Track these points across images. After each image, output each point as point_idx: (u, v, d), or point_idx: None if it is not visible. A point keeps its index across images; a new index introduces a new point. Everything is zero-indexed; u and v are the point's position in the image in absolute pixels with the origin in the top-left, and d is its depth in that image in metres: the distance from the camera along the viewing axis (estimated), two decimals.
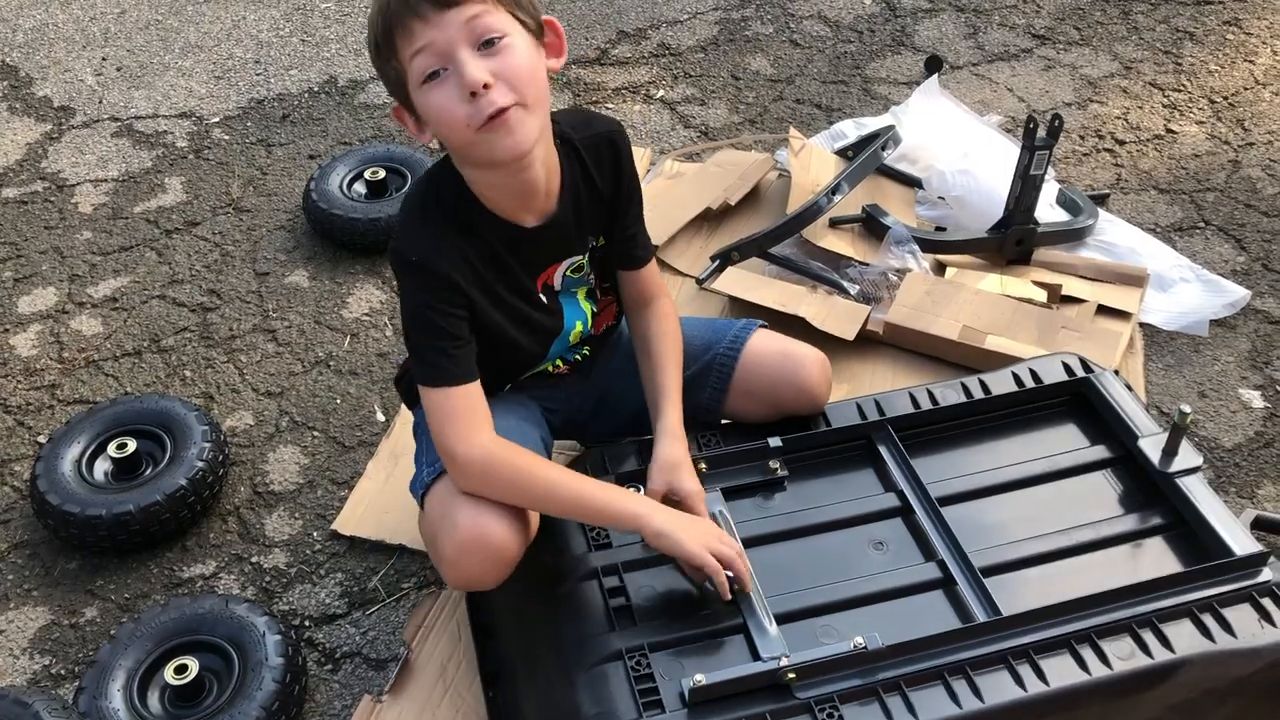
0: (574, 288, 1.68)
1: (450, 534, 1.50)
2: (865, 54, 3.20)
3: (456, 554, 1.50)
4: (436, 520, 1.54)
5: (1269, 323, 2.38)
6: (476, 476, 1.50)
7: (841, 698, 1.39)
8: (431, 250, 1.47)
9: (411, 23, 1.37)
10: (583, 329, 1.71)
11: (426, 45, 1.38)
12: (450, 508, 1.51)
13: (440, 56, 1.38)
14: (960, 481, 1.70)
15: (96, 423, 2.05)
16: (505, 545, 1.49)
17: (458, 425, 1.49)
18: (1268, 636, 1.49)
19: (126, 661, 1.69)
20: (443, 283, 1.48)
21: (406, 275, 1.50)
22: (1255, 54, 3.17)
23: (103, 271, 2.56)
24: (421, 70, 1.39)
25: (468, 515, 1.49)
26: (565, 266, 1.63)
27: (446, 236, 1.49)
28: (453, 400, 1.50)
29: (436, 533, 1.54)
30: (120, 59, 3.24)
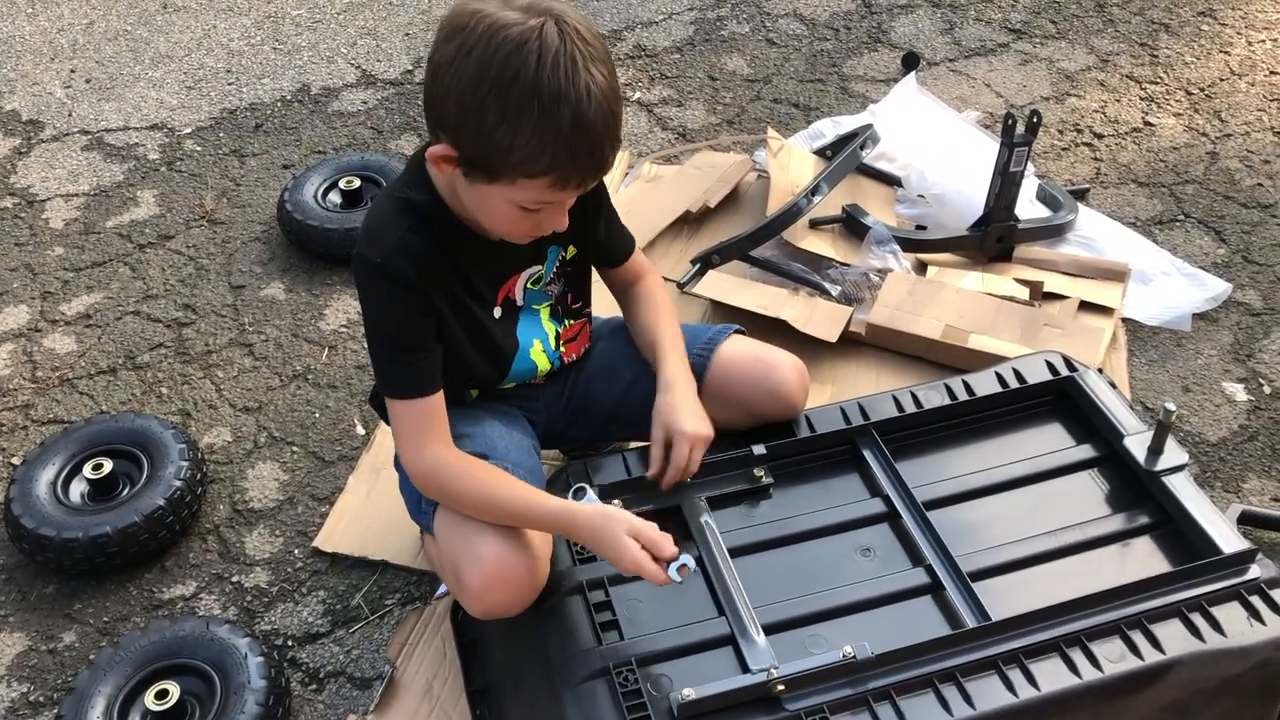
0: (535, 303, 1.66)
1: (475, 566, 1.47)
2: (842, 52, 3.19)
3: (483, 587, 1.48)
4: (456, 550, 1.51)
5: (1250, 315, 2.38)
6: (431, 487, 1.52)
7: (832, 708, 1.38)
8: (398, 254, 1.45)
9: (572, 184, 1.38)
10: (544, 350, 1.68)
11: (553, 201, 1.40)
12: (471, 538, 1.49)
13: (550, 207, 1.42)
14: (946, 485, 1.69)
15: (71, 443, 2.02)
16: (534, 573, 1.49)
17: (413, 437, 1.51)
18: (1257, 635, 1.48)
19: (106, 687, 1.66)
20: (408, 288, 1.46)
21: (371, 279, 1.48)
22: (1230, 45, 3.17)
23: (75, 288, 2.53)
24: (533, 201, 1.39)
25: (492, 547, 1.47)
26: (525, 278, 1.61)
27: (413, 241, 1.46)
28: (412, 411, 1.50)
29: (458, 563, 1.50)
30: (89, 71, 3.20)
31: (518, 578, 1.47)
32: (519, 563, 1.47)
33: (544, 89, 1.30)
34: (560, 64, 1.30)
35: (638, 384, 1.74)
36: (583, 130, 1.32)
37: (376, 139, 2.92)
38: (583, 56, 1.31)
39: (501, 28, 1.31)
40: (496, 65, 1.30)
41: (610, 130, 1.36)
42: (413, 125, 2.97)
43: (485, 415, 1.66)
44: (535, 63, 1.29)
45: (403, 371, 1.50)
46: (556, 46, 1.30)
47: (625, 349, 1.78)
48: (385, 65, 3.19)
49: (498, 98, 1.31)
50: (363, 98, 3.07)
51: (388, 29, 3.34)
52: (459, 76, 1.32)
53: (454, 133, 1.37)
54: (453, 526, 1.52)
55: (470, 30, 1.32)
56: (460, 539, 1.50)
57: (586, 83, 1.31)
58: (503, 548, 1.47)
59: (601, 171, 1.40)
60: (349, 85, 3.12)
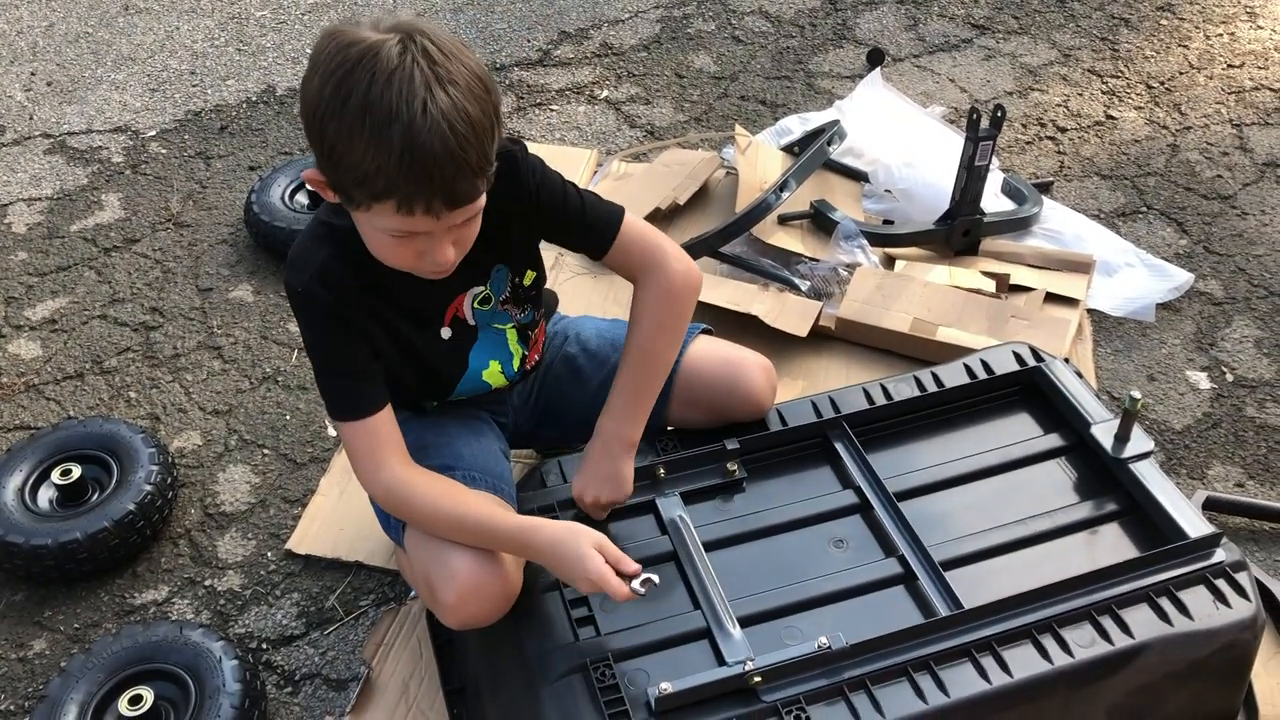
0: (497, 323, 1.61)
1: (449, 581, 1.46)
2: (807, 48, 3.20)
3: (458, 601, 1.47)
4: (428, 565, 1.50)
5: (1212, 304, 2.42)
6: (390, 507, 1.52)
7: (808, 699, 1.39)
8: (316, 282, 1.42)
9: (417, 209, 1.29)
10: (501, 370, 1.65)
11: (414, 230, 1.33)
12: (443, 553, 1.48)
13: (421, 236, 1.35)
14: (917, 476, 1.70)
15: (39, 449, 2.00)
16: (508, 586, 1.48)
17: (363, 457, 1.49)
18: (1223, 617, 1.50)
19: (79, 695, 1.65)
20: (330, 313, 1.44)
21: (299, 307, 1.46)
22: (1189, 39, 3.21)
23: (40, 293, 2.50)
24: (393, 229, 1.34)
25: (466, 562, 1.46)
26: (470, 298, 1.57)
27: (331, 268, 1.43)
28: (359, 433, 1.48)
29: (431, 578, 1.49)
30: (50, 73, 3.17)
31: (492, 590, 1.47)
32: (493, 575, 1.47)
33: (374, 107, 1.25)
34: (394, 82, 1.25)
35: (604, 390, 1.72)
36: (415, 150, 1.25)
37: None
38: (424, 76, 1.25)
39: (349, 45, 1.27)
40: (335, 82, 1.27)
41: (452, 153, 1.26)
42: None
43: (450, 423, 1.64)
44: (369, 81, 1.25)
45: (342, 394, 1.48)
46: (394, 65, 1.25)
47: (591, 355, 1.77)
48: None
49: (335, 116, 1.27)
50: None
51: None
52: (305, 98, 1.31)
53: (316, 153, 1.34)
54: (424, 542, 1.51)
55: (322, 51, 1.30)
56: (432, 555, 1.49)
57: (424, 101, 1.25)
58: (476, 561, 1.46)
59: (451, 197, 1.30)
60: None
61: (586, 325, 1.82)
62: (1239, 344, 2.33)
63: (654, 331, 1.61)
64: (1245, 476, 2.07)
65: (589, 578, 1.40)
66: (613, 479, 1.59)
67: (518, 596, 1.51)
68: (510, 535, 1.47)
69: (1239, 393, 2.23)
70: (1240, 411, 2.19)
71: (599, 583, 1.39)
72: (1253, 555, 1.92)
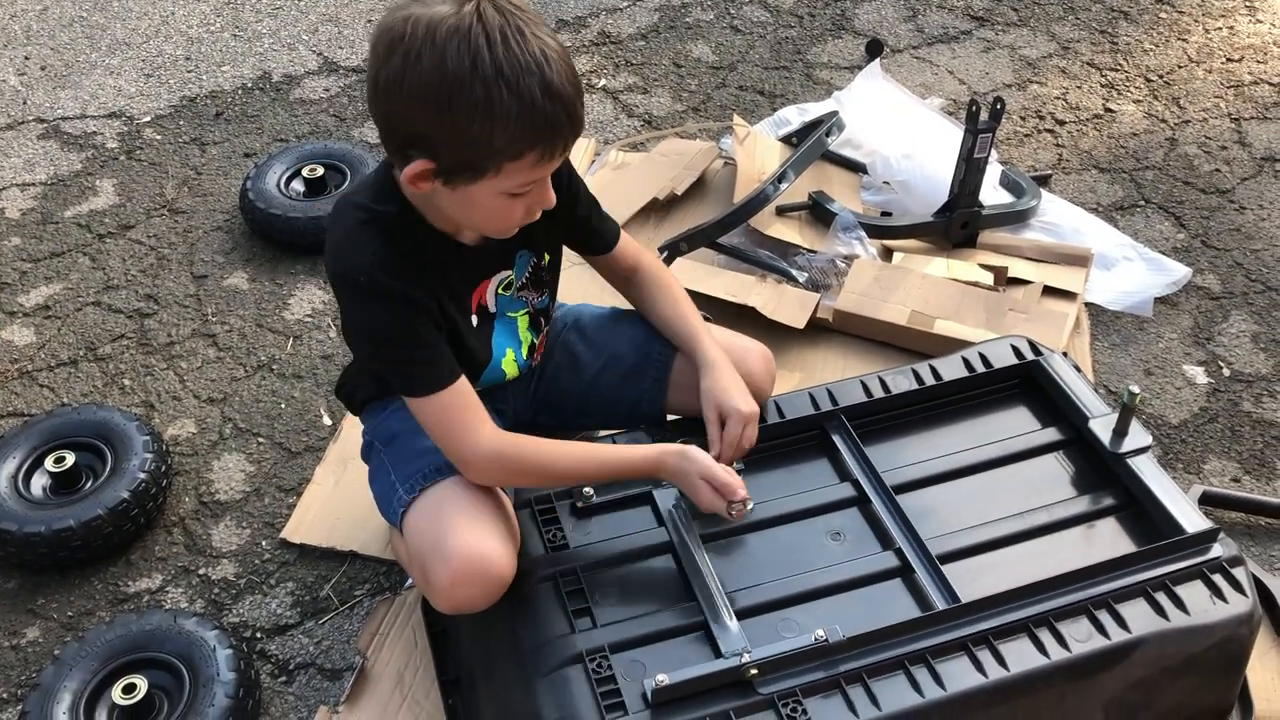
0: (510, 310, 1.63)
1: (443, 563, 1.45)
2: (806, 39, 3.19)
3: (450, 584, 1.46)
4: (424, 548, 1.49)
5: (1209, 299, 2.42)
6: (493, 474, 1.52)
7: (804, 691, 1.39)
8: (379, 270, 1.42)
9: (557, 151, 1.35)
10: (515, 359, 1.66)
11: (538, 178, 1.39)
12: (438, 536, 1.47)
13: (535, 186, 1.40)
14: (915, 469, 1.70)
15: (32, 436, 1.99)
16: (500, 571, 1.47)
17: (457, 429, 1.47)
18: (1220, 612, 1.51)
19: (72, 683, 1.64)
20: (396, 296, 1.43)
21: (358, 298, 1.44)
22: (1188, 32, 3.21)
23: (33, 279, 2.49)
24: (518, 185, 1.37)
25: (460, 544, 1.45)
26: (495, 283, 1.58)
27: (390, 255, 1.43)
28: (443, 404, 1.46)
29: (426, 560, 1.49)
30: (44, 58, 3.15)
31: (485, 574, 1.46)
32: (487, 559, 1.46)
33: (505, 69, 1.27)
34: (509, 38, 1.28)
35: (603, 377, 1.74)
36: (553, 95, 1.30)
37: (339, 126, 2.90)
38: (525, 24, 1.30)
39: (439, 23, 1.28)
40: (451, 61, 1.27)
41: (576, 86, 1.34)
42: None
43: None
44: (486, 45, 1.27)
45: (423, 368, 1.46)
46: (500, 23, 1.28)
47: (590, 342, 1.77)
48: (348, 52, 3.16)
49: (463, 92, 1.28)
50: (325, 85, 3.04)
51: (350, 15, 3.31)
52: (417, 85, 1.29)
53: (428, 144, 1.34)
54: (422, 524, 1.51)
55: (410, 36, 1.29)
56: (429, 537, 1.49)
57: (540, 48, 1.30)
58: (471, 545, 1.46)
59: (578, 130, 1.37)
60: (311, 72, 3.09)
61: (585, 313, 1.82)
62: (1236, 339, 2.33)
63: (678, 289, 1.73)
64: (1242, 471, 2.07)
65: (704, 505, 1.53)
66: (748, 392, 1.63)
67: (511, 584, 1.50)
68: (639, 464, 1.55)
69: (1236, 388, 2.23)
70: (1237, 406, 2.19)
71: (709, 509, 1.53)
72: (1249, 550, 1.92)
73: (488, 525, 1.49)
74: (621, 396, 1.74)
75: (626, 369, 1.73)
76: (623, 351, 1.74)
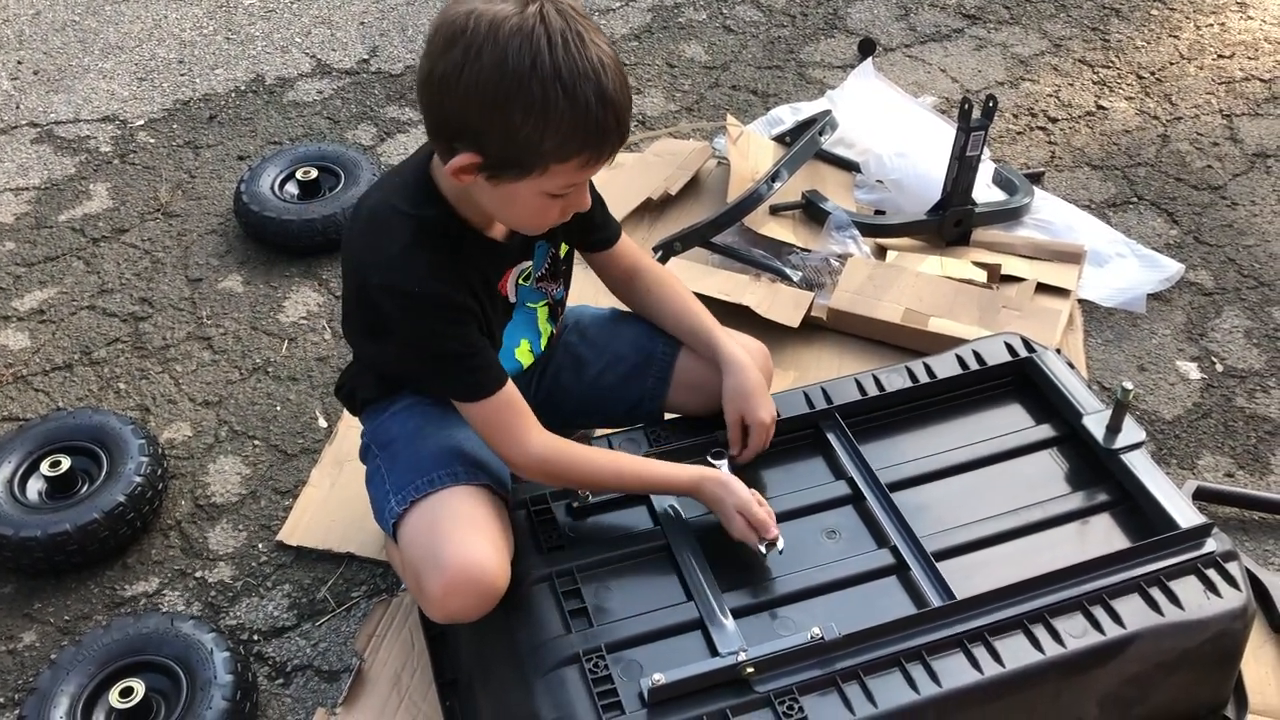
0: (530, 301, 1.64)
1: (436, 573, 1.46)
2: (799, 38, 3.20)
3: (443, 594, 1.46)
4: (419, 557, 1.50)
5: (1202, 294, 2.43)
6: (540, 477, 1.55)
7: (801, 689, 1.39)
8: (432, 279, 1.43)
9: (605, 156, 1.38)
10: (530, 349, 1.67)
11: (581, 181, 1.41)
12: (433, 546, 1.47)
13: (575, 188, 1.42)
14: (909, 466, 1.71)
15: (28, 440, 1.99)
16: (494, 582, 1.47)
17: (507, 433, 1.50)
18: (1213, 607, 1.51)
19: (69, 687, 1.64)
20: (449, 305, 1.44)
21: (409, 308, 1.44)
22: (1179, 29, 3.22)
23: (28, 283, 2.48)
24: (561, 186, 1.39)
25: (455, 555, 1.46)
26: (515, 274, 1.59)
27: (439, 262, 1.44)
28: (493, 409, 1.49)
29: (419, 570, 1.49)
30: (37, 62, 3.15)
31: (478, 585, 1.46)
32: (480, 570, 1.46)
33: (564, 72, 1.29)
34: (570, 43, 1.29)
35: (604, 377, 1.74)
36: (607, 102, 1.32)
37: (333, 129, 2.90)
38: (585, 30, 1.31)
39: (502, 21, 1.29)
40: (512, 59, 1.28)
41: (628, 96, 1.36)
42: (369, 115, 2.95)
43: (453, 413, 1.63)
44: (548, 47, 1.28)
45: (474, 375, 1.48)
46: (561, 26, 1.30)
47: (591, 343, 1.77)
48: (340, 54, 3.16)
49: (520, 91, 1.29)
50: (318, 87, 3.04)
51: (342, 18, 3.31)
52: (474, 80, 1.30)
53: (477, 139, 1.34)
54: (417, 534, 1.51)
55: (473, 32, 1.30)
56: (423, 547, 1.49)
57: (598, 55, 1.31)
58: (465, 555, 1.46)
59: (625, 138, 1.39)
60: (304, 75, 3.09)
61: (585, 314, 1.83)
62: (1229, 334, 2.34)
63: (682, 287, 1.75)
64: (1235, 466, 2.08)
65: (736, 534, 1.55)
66: (768, 394, 1.66)
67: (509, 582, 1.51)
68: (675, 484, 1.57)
69: (1229, 383, 2.24)
70: (1230, 402, 2.20)
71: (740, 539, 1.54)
72: (1242, 545, 1.93)
73: (482, 535, 1.49)
74: (623, 396, 1.74)
75: (628, 369, 1.74)
76: (624, 351, 1.75)
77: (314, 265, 2.49)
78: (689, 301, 1.73)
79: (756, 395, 1.64)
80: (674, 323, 1.72)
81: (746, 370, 1.65)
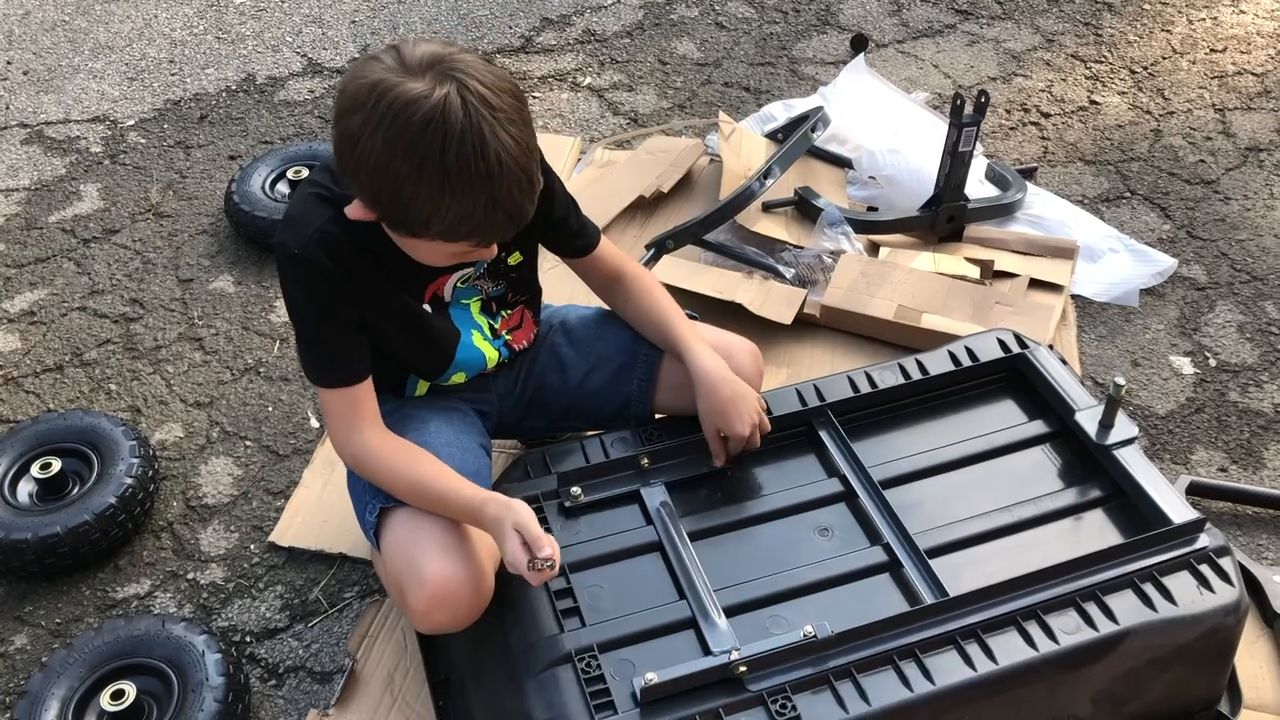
0: (464, 298, 1.63)
1: (419, 588, 1.46)
2: (791, 35, 3.19)
3: (427, 608, 1.46)
4: (400, 569, 1.50)
5: (1195, 289, 2.42)
6: (360, 470, 1.54)
7: (793, 688, 1.39)
8: (315, 245, 1.42)
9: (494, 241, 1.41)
10: (485, 339, 1.66)
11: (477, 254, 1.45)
12: (415, 559, 1.47)
13: None
14: (902, 463, 1.70)
15: (18, 442, 1.99)
16: (476, 595, 1.47)
17: (340, 424, 1.52)
18: (1207, 602, 1.51)
19: (60, 690, 1.64)
20: (326, 278, 1.43)
21: (289, 268, 1.46)
22: (1172, 23, 3.21)
23: (18, 284, 2.47)
24: (455, 254, 1.43)
25: (436, 568, 1.45)
26: (455, 278, 1.59)
27: (332, 232, 1.43)
28: (339, 400, 1.51)
29: (402, 583, 1.49)
30: (26, 62, 3.13)
31: (461, 598, 1.46)
32: (463, 583, 1.46)
33: (454, 169, 1.28)
34: (467, 140, 1.27)
35: (590, 379, 1.73)
36: (496, 200, 1.32)
37: (324, 128, 2.89)
38: (489, 125, 1.28)
39: (406, 104, 1.27)
40: (404, 146, 1.28)
41: (525, 190, 1.34)
42: None
43: (432, 418, 1.63)
44: (442, 141, 1.27)
45: (326, 361, 1.50)
46: (461, 122, 1.27)
47: (576, 344, 1.76)
48: (332, 53, 3.16)
49: (409, 176, 1.29)
50: (309, 87, 3.03)
51: (333, 16, 3.30)
52: (369, 151, 1.30)
53: (370, 199, 1.36)
54: (397, 546, 1.51)
55: (374, 105, 1.28)
56: (404, 560, 1.49)
57: (496, 152, 1.29)
58: (446, 568, 1.46)
59: (521, 224, 1.39)
60: (295, 74, 3.08)
61: (571, 314, 1.82)
62: (1222, 329, 2.34)
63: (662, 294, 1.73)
64: (1228, 461, 2.08)
65: (507, 560, 1.41)
66: (742, 389, 1.63)
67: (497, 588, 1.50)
68: (462, 506, 1.48)
69: (1222, 378, 2.24)
70: (1223, 396, 2.20)
71: (511, 565, 1.40)
72: (1236, 540, 1.93)
73: (464, 546, 1.48)
74: (610, 398, 1.74)
75: (613, 371, 1.73)
76: (609, 354, 1.74)
77: None
78: (667, 311, 1.71)
79: (729, 411, 1.60)
80: (651, 332, 1.72)
81: (716, 386, 1.61)
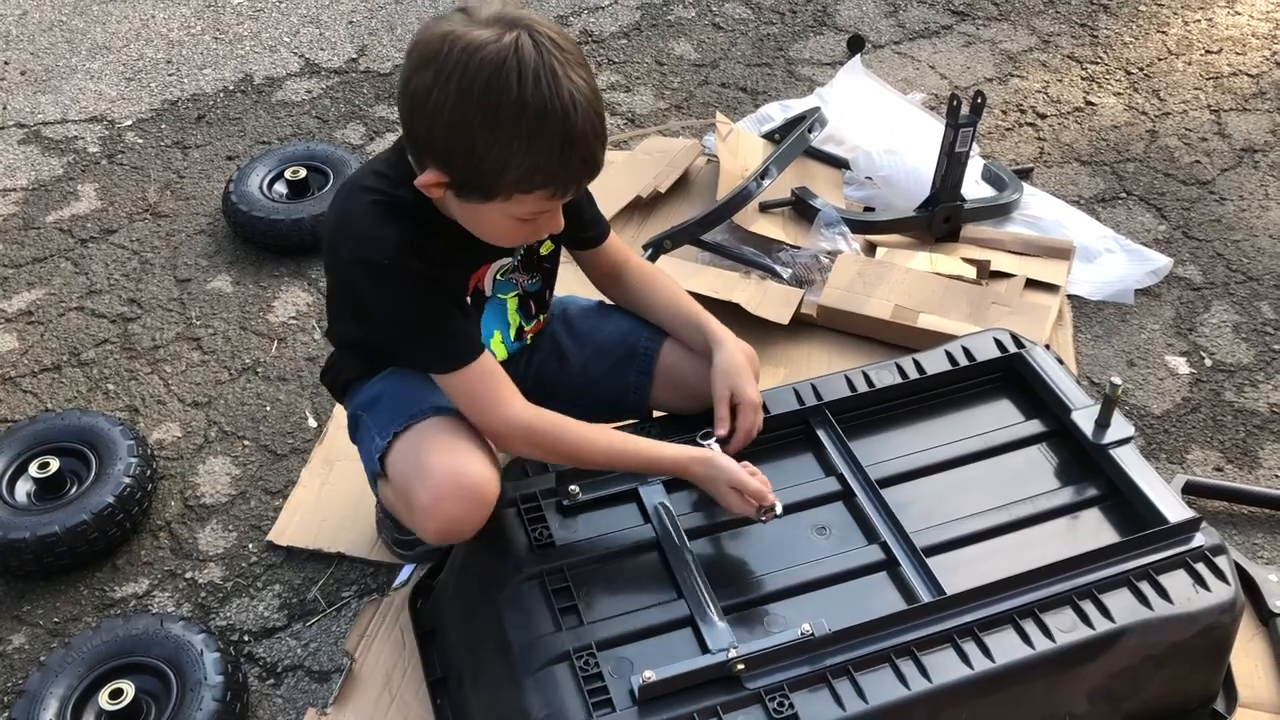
0: (502, 293, 1.65)
1: (425, 482, 1.47)
2: (788, 35, 3.20)
3: (434, 500, 1.47)
4: (406, 475, 1.50)
5: (1191, 289, 2.43)
6: (526, 447, 1.54)
7: (791, 686, 1.39)
8: (405, 253, 1.43)
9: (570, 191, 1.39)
10: (503, 341, 1.68)
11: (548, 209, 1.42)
12: (419, 459, 1.49)
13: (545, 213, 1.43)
14: (899, 462, 1.71)
15: (16, 442, 1.99)
16: (482, 485, 1.48)
17: (487, 401, 1.49)
18: (1203, 600, 1.52)
19: (59, 689, 1.64)
20: (420, 277, 1.44)
21: (380, 280, 1.45)
22: (1167, 24, 3.22)
23: (16, 284, 2.47)
24: (528, 213, 1.40)
25: (440, 460, 1.47)
26: (495, 269, 1.60)
27: (413, 238, 1.44)
28: (472, 378, 1.48)
29: (409, 486, 1.50)
30: (24, 63, 3.13)
31: (467, 489, 1.47)
32: (467, 474, 1.47)
33: (530, 107, 1.29)
34: (541, 78, 1.29)
35: (588, 369, 1.75)
36: (574, 140, 1.32)
37: (322, 128, 2.89)
38: (561, 65, 1.30)
39: (477, 49, 1.29)
40: (479, 90, 1.28)
41: (599, 132, 1.35)
42: (358, 114, 2.94)
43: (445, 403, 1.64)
44: (517, 81, 1.28)
45: (451, 344, 1.48)
46: (535, 60, 1.29)
47: (575, 334, 1.77)
48: (329, 54, 3.16)
49: (485, 122, 1.30)
50: (307, 87, 3.04)
51: (331, 17, 3.30)
52: (441, 105, 1.31)
53: (443, 159, 1.36)
54: (402, 455, 1.52)
55: (445, 55, 1.30)
56: (409, 463, 1.50)
57: (570, 91, 1.30)
58: (452, 462, 1.47)
59: (595, 173, 1.39)
60: (292, 74, 3.08)
61: (571, 305, 1.83)
62: (1218, 329, 2.35)
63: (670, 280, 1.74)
64: (1224, 461, 2.08)
65: (735, 512, 1.54)
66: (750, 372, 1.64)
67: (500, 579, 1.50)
68: (672, 462, 1.55)
69: (1218, 377, 2.24)
70: (1219, 396, 2.21)
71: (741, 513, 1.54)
72: (1231, 539, 1.93)
73: (467, 447, 1.49)
74: (608, 388, 1.75)
75: (612, 361, 1.74)
76: (608, 344, 1.75)
77: (303, 265, 2.49)
78: (678, 292, 1.74)
79: (746, 373, 1.63)
80: (664, 311, 1.72)
81: (735, 348, 1.65)
